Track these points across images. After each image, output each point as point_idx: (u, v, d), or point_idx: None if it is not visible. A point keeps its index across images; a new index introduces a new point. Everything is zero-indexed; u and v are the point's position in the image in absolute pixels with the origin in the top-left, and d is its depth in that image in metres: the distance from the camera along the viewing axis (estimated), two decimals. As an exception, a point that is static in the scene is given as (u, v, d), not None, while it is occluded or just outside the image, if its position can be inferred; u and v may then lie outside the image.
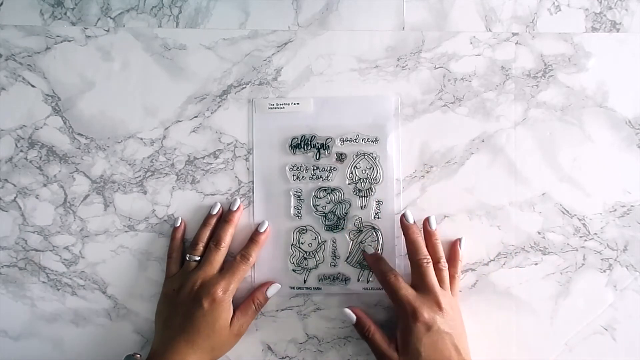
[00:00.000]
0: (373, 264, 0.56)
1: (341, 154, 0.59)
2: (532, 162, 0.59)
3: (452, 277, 0.56)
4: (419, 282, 0.54)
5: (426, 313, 0.51)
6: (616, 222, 0.59)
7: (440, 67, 0.59)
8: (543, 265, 0.59)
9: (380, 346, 0.53)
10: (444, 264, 0.55)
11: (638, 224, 0.59)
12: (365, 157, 0.59)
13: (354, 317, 0.55)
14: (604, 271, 0.59)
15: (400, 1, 0.60)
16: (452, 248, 0.58)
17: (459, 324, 0.53)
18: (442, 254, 0.56)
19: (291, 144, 0.59)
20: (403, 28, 0.60)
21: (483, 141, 0.59)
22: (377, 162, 0.59)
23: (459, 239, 0.58)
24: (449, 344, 0.51)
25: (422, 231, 0.57)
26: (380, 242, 0.58)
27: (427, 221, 0.57)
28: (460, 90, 0.59)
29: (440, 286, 0.54)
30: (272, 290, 0.57)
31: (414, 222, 0.56)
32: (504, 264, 0.58)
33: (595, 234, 0.59)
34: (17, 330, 0.58)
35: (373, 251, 0.57)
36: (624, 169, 0.59)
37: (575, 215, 0.59)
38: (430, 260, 0.54)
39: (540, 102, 0.59)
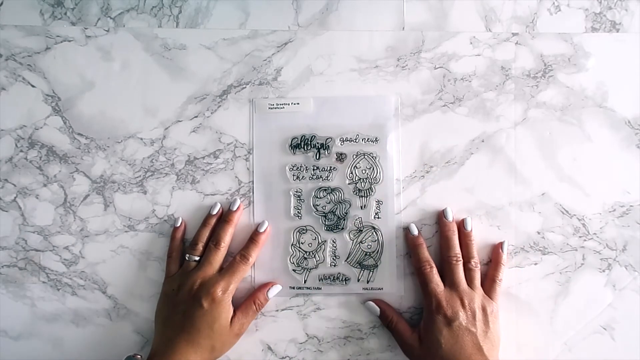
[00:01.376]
0: (413, 248, 0.57)
1: (341, 154, 0.59)
2: (531, 162, 0.59)
3: (492, 280, 0.56)
4: (447, 278, 0.55)
5: (449, 307, 0.53)
6: (615, 222, 0.59)
7: (440, 67, 0.59)
8: (542, 265, 0.59)
9: (403, 335, 0.55)
10: (474, 264, 0.56)
11: (637, 224, 0.59)
12: (365, 157, 0.59)
13: (378, 309, 0.57)
14: (603, 271, 0.59)
15: (400, 1, 0.60)
16: (495, 251, 0.58)
17: (489, 328, 0.53)
18: (474, 254, 0.56)
19: (291, 144, 0.59)
20: (403, 28, 0.60)
21: (483, 141, 0.59)
22: (377, 162, 0.59)
23: (502, 242, 0.58)
24: (471, 343, 0.52)
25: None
26: (380, 242, 0.58)
27: (462, 222, 0.57)
28: (460, 90, 0.59)
29: (469, 285, 0.55)
30: (273, 291, 0.57)
31: (453, 220, 0.57)
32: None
33: (595, 233, 0.59)
34: (17, 330, 0.58)
35: (417, 233, 0.57)
36: (623, 169, 0.59)
37: (574, 215, 0.59)
38: (461, 259, 0.56)
39: (540, 102, 0.59)
